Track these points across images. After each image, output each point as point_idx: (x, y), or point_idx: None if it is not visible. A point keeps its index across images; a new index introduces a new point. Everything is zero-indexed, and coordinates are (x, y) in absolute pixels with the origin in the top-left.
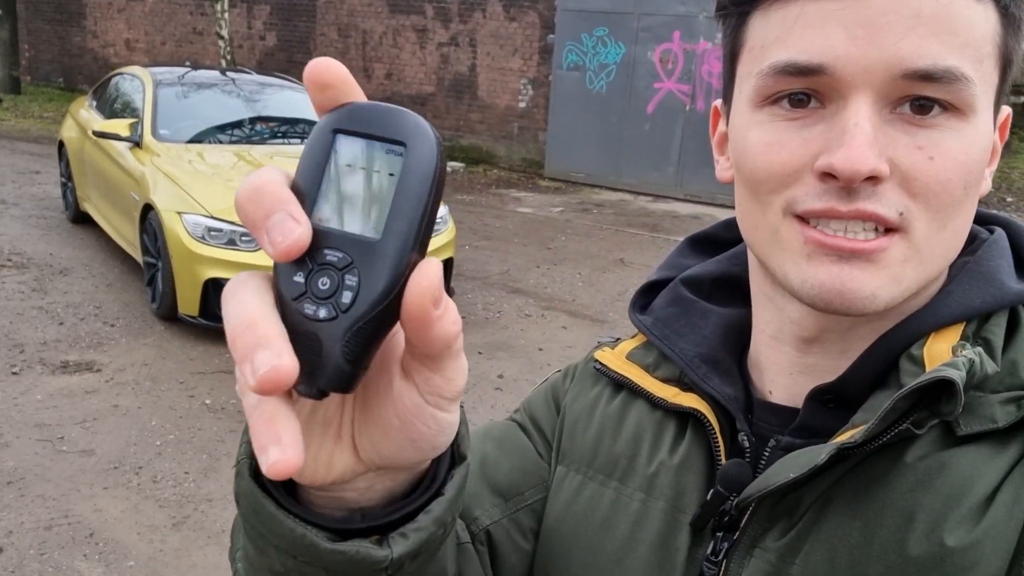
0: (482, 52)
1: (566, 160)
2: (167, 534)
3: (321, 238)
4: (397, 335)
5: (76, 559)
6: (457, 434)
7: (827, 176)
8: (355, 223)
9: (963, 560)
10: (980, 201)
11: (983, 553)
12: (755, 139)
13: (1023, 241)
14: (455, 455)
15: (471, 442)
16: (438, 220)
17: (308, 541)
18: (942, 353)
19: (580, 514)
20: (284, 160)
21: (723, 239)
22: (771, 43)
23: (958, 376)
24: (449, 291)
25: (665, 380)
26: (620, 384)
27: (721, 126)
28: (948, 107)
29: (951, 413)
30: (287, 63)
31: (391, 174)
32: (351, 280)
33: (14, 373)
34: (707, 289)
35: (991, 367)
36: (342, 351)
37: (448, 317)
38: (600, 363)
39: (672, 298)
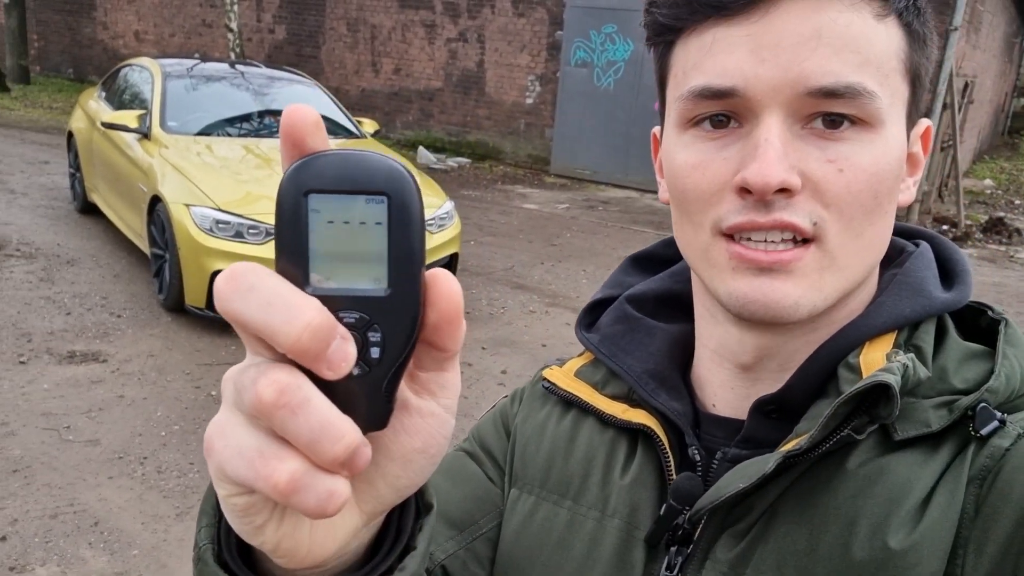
0: (490, 48)
1: (572, 157)
2: (171, 524)
3: (331, 302)
4: None
5: (81, 547)
6: None
7: (744, 191)
8: (359, 280)
9: (904, 561)
10: (930, 213)
11: (923, 554)
12: (682, 160)
13: (947, 253)
14: (419, 504)
15: None
16: (444, 215)
17: None
18: (877, 360)
19: (535, 535)
20: None
21: (664, 257)
22: (690, 69)
23: (894, 380)
24: None
25: (614, 397)
26: (569, 402)
27: (661, 152)
28: (856, 121)
29: (889, 416)
30: (296, 57)
31: (378, 223)
32: (375, 336)
33: (21, 362)
34: (651, 306)
35: (924, 372)
36: (384, 398)
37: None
38: (549, 381)
39: (618, 316)
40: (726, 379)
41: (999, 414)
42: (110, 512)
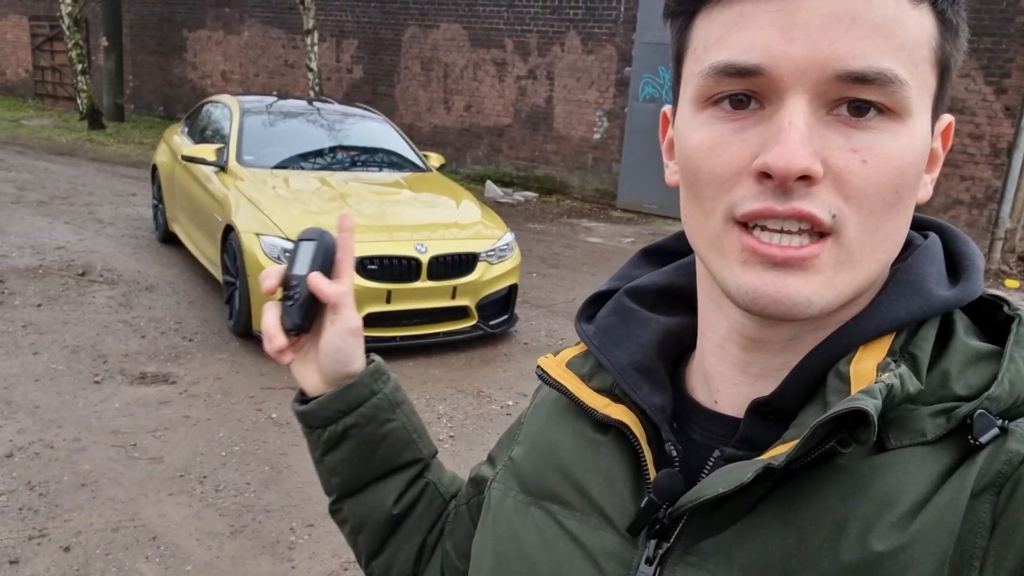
0: (559, 85)
1: (639, 191)
2: (224, 542)
3: (292, 278)
4: (330, 316)
5: (138, 560)
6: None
7: (763, 176)
8: (302, 269)
9: (892, 564)
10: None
11: (912, 558)
12: (697, 141)
13: (956, 246)
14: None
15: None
16: (503, 247)
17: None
18: (867, 371)
19: (515, 534)
20: (361, 186)
21: (674, 250)
22: (712, 44)
23: (872, 406)
24: (512, 318)
25: (598, 390)
26: (559, 392)
27: (670, 131)
28: (884, 109)
29: (866, 442)
30: (372, 95)
31: (313, 247)
32: (300, 291)
33: (96, 382)
34: (652, 300)
35: (914, 386)
36: (300, 316)
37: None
38: (541, 369)
39: (614, 308)
40: (730, 373)
41: (998, 420)
42: (168, 528)
